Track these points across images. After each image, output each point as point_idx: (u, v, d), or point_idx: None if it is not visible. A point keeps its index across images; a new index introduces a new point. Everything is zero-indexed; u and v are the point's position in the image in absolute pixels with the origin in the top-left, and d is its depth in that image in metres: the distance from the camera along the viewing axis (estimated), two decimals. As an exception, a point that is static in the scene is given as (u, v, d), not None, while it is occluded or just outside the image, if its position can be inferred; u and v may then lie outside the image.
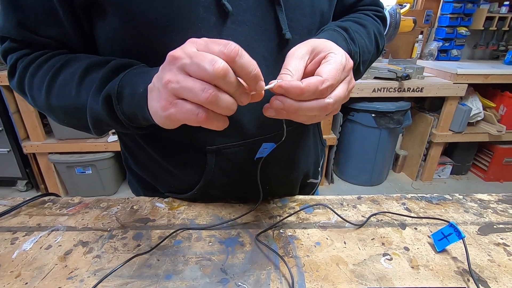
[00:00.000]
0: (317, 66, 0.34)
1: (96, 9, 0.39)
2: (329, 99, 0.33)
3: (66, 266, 0.40)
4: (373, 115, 1.92)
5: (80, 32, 0.41)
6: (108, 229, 0.47)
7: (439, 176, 2.37)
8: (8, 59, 0.43)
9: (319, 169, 0.66)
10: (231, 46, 0.27)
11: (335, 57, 0.34)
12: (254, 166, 0.49)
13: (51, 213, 0.52)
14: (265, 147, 0.42)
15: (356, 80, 0.50)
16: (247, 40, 0.40)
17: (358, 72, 0.48)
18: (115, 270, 0.38)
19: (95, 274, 0.39)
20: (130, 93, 0.35)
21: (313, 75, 0.33)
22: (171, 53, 0.29)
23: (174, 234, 0.46)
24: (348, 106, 1.96)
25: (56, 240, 0.45)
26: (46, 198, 0.56)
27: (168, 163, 0.51)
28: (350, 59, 0.36)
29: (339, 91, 0.34)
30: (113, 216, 0.51)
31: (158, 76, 0.31)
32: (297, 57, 0.34)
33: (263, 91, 0.31)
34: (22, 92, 0.43)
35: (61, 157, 1.85)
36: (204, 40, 0.29)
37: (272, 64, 0.42)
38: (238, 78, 0.29)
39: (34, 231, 0.47)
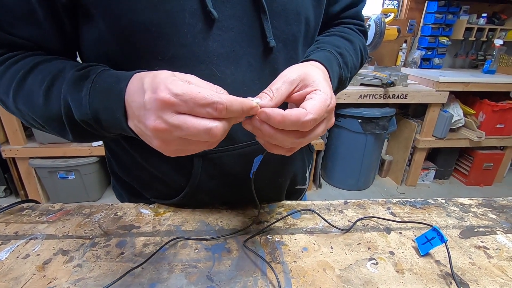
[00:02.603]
0: (302, 99, 0.34)
1: (81, 11, 0.38)
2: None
3: (45, 276, 0.39)
4: (359, 121, 1.95)
5: (60, 34, 0.40)
6: (90, 237, 0.46)
7: (423, 181, 2.43)
8: None
9: (307, 174, 0.66)
10: (219, 106, 0.27)
11: (320, 95, 0.34)
12: (241, 171, 0.49)
13: (29, 220, 0.50)
14: (256, 161, 0.43)
15: (340, 91, 0.52)
16: (232, 46, 0.40)
17: (343, 87, 0.50)
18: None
19: (75, 284, 0.37)
20: (107, 118, 0.34)
21: (297, 107, 0.33)
22: (151, 125, 0.29)
23: (172, 242, 0.45)
24: (335, 112, 1.99)
25: (34, 249, 0.43)
26: (24, 205, 0.54)
27: (154, 168, 0.50)
28: (334, 99, 0.36)
29: (318, 131, 0.34)
30: (95, 223, 0.49)
31: (148, 137, 0.32)
32: (286, 81, 0.34)
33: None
34: None
35: (43, 161, 1.78)
36: (183, 100, 0.27)
37: (258, 71, 0.43)
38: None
39: (11, 239, 0.45)
